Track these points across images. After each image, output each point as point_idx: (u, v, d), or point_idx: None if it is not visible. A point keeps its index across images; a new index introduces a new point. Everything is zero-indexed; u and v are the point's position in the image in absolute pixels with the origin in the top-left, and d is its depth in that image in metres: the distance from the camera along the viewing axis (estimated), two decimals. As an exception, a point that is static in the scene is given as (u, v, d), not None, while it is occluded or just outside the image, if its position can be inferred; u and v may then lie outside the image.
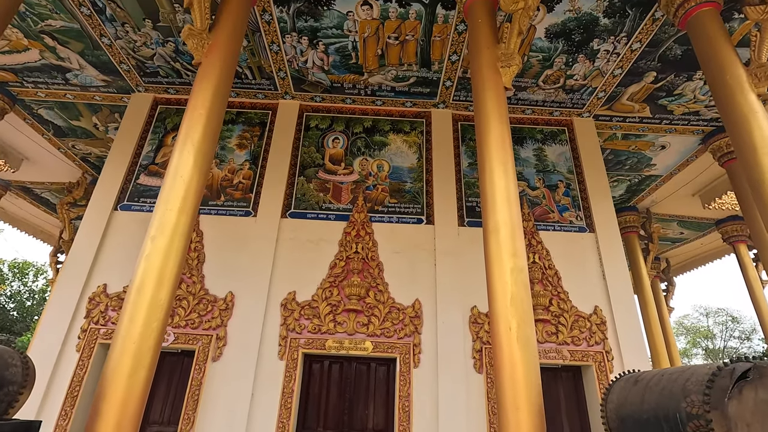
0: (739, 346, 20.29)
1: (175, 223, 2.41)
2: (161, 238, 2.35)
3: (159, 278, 2.28)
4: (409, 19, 4.17)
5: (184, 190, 2.50)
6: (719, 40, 3.17)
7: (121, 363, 2.09)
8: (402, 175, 4.98)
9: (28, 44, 4.61)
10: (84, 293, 4.23)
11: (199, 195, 2.64)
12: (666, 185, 6.93)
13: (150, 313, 2.20)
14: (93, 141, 6.33)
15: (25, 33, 4.46)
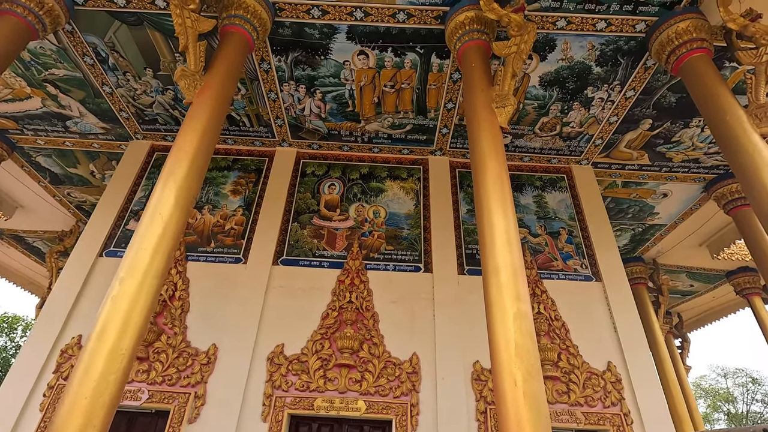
0: (763, 411, 18.97)
1: (148, 264, 2.23)
2: (130, 280, 2.15)
3: (124, 324, 2.06)
4: (405, 68, 4.25)
5: (161, 229, 2.35)
6: (715, 82, 3.16)
7: (68, 423, 1.82)
8: (399, 222, 4.84)
9: (31, 92, 4.69)
10: (56, 345, 3.94)
11: (178, 235, 2.48)
12: (671, 235, 6.76)
13: (109, 364, 1.96)
14: (89, 188, 6.29)
15: (28, 82, 4.55)
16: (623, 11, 3.61)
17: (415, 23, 3.79)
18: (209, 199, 4.92)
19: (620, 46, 3.90)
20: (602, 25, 3.72)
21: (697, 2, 3.52)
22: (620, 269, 4.57)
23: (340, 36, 3.94)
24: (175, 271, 4.31)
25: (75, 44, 4.11)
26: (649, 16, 3.63)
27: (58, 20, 3.64)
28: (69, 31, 3.99)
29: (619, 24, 3.71)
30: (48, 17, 3.53)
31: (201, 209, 4.83)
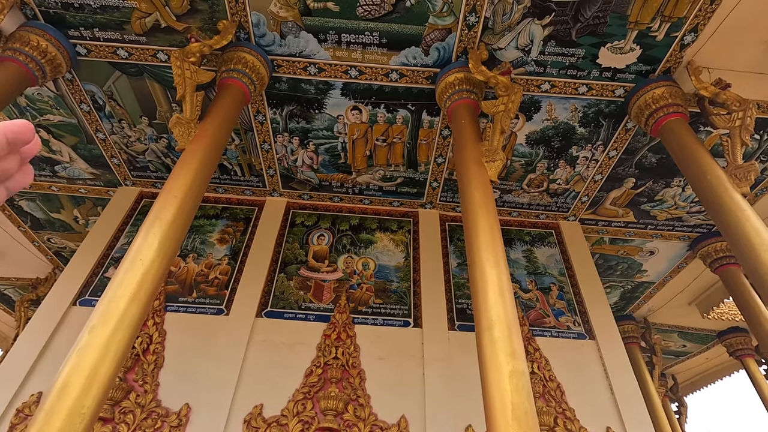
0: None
1: (123, 313, 2.09)
2: (101, 329, 2.01)
3: (88, 380, 1.88)
4: (396, 124, 4.38)
5: (141, 275, 2.24)
6: (693, 144, 3.30)
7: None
8: (388, 274, 4.75)
9: (23, 137, 4.67)
10: (13, 404, 3.60)
11: (158, 283, 2.36)
12: (660, 293, 6.74)
13: (67, 426, 1.76)
14: (70, 234, 6.12)
15: (21, 126, 4.55)
16: (603, 77, 3.84)
17: (406, 82, 3.96)
18: (195, 247, 4.80)
19: (601, 108, 4.11)
20: (584, 89, 3.93)
21: (670, 71, 3.77)
22: (613, 327, 4.48)
23: (335, 92, 4.09)
24: (152, 322, 4.09)
25: (73, 92, 4.18)
26: (626, 82, 3.86)
27: (59, 69, 3.72)
28: (69, 79, 4.07)
29: (600, 89, 3.93)
30: (49, 65, 3.62)
31: (185, 257, 4.70)
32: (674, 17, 3.38)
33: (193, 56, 3.23)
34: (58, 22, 3.60)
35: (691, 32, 3.47)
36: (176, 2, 3.45)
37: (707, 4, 3.30)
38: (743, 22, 3.37)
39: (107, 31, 3.66)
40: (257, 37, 3.66)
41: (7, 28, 3.50)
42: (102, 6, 3.49)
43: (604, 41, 3.57)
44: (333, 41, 3.66)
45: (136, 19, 3.56)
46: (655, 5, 3.32)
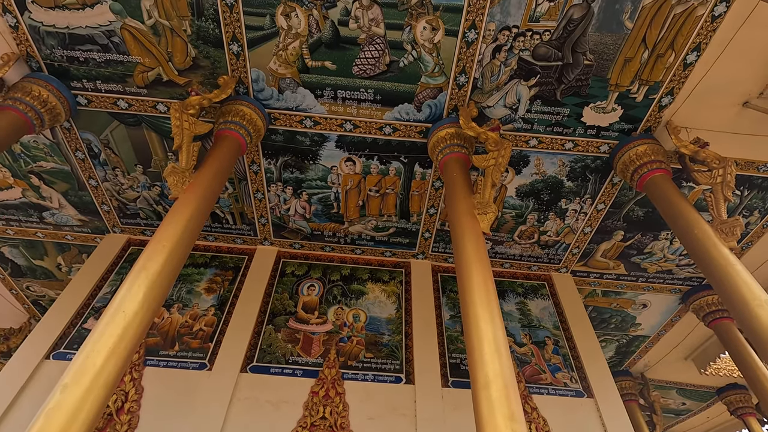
0: None
1: (99, 370, 1.97)
2: (75, 388, 1.88)
3: (55, 445, 1.73)
4: (389, 175, 4.46)
5: (122, 329, 2.14)
6: (679, 199, 3.39)
7: None
8: (380, 327, 4.62)
9: (14, 183, 4.65)
10: (-33, 470, 3.29)
11: (139, 338, 2.25)
12: (656, 347, 6.63)
13: (25, 500, 1.60)
14: (51, 282, 5.92)
15: (13, 172, 4.54)
16: (588, 135, 4.00)
17: (399, 136, 4.08)
18: (180, 296, 4.66)
19: (588, 164, 4.24)
20: (570, 145, 4.08)
21: (651, 130, 3.95)
22: (611, 384, 4.34)
23: (329, 144, 4.19)
24: (129, 378, 3.86)
25: (69, 140, 4.22)
26: (610, 139, 4.02)
27: (58, 118, 3.78)
28: (66, 128, 4.13)
29: (585, 145, 4.08)
30: (49, 115, 3.67)
31: (170, 307, 4.54)
32: (651, 81, 3.60)
33: (192, 108, 3.32)
34: (62, 74, 3.70)
35: (667, 95, 3.68)
36: (179, 58, 3.59)
37: (680, 70, 3.53)
38: (716, 87, 3.60)
39: (110, 83, 3.77)
40: (256, 91, 3.79)
41: (12, 78, 3.58)
42: (107, 60, 3.61)
43: (587, 101, 3.76)
44: (329, 96, 3.81)
45: (139, 72, 3.68)
46: (633, 70, 3.54)
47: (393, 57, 3.56)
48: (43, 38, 3.49)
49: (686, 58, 3.45)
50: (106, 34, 3.46)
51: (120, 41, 3.49)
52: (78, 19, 3.37)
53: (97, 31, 3.44)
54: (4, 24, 3.41)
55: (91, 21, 3.38)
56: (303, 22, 3.38)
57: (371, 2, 3.27)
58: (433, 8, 3.27)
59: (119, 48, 3.53)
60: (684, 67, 3.51)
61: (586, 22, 3.31)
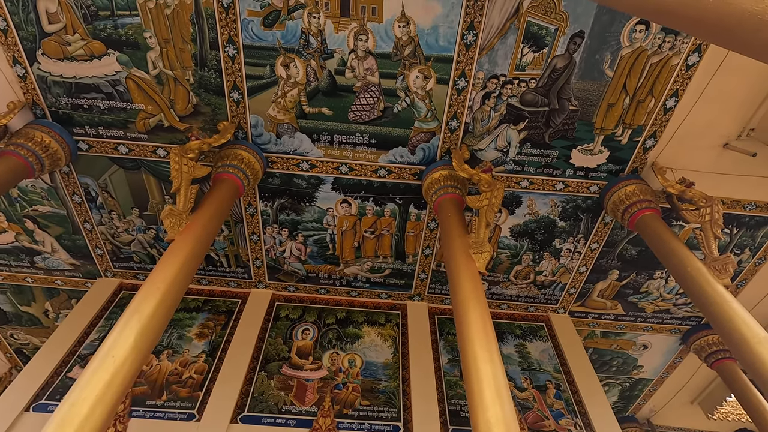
0: None
1: (84, 419, 1.88)
2: (57, 440, 1.79)
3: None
4: (385, 216, 4.50)
5: (110, 375, 2.06)
6: (670, 237, 3.44)
7: None
8: (376, 372, 4.48)
9: (8, 227, 4.63)
10: None
11: (128, 384, 2.18)
12: (660, 390, 6.44)
13: None
14: (37, 329, 5.74)
15: (8, 216, 4.54)
16: (577, 176, 4.11)
17: (394, 178, 4.17)
18: (171, 342, 4.52)
19: (579, 204, 4.33)
20: (560, 186, 4.18)
21: (638, 171, 4.07)
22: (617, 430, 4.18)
23: (325, 186, 4.26)
24: (113, 431, 3.66)
25: (68, 184, 4.26)
26: (599, 180, 4.13)
27: (58, 162, 3.84)
28: (65, 172, 4.18)
29: (575, 186, 4.19)
30: (49, 159, 3.73)
31: (159, 354, 4.39)
32: (634, 124, 3.77)
33: (192, 153, 3.39)
34: (65, 121, 3.80)
35: (651, 137, 3.83)
36: (181, 105, 3.72)
37: (661, 114, 3.71)
38: (696, 130, 3.76)
39: (111, 129, 3.87)
40: (254, 136, 3.91)
41: (16, 125, 3.67)
42: (110, 108, 3.73)
43: (575, 144, 3.91)
44: (326, 141, 3.92)
45: (141, 119, 3.80)
46: (616, 114, 3.71)
47: (387, 103, 3.71)
48: (49, 87, 3.62)
49: (665, 103, 3.64)
50: (111, 83, 3.60)
51: (124, 90, 3.63)
52: (85, 69, 3.52)
53: (103, 80, 3.58)
54: (12, 74, 3.54)
55: (98, 71, 3.53)
56: (301, 71, 3.55)
57: (366, 53, 3.46)
58: (425, 59, 3.46)
59: (123, 96, 3.66)
60: (664, 112, 3.69)
61: (569, 71, 3.51)
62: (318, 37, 3.38)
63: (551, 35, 3.33)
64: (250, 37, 3.38)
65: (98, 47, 3.42)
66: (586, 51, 3.39)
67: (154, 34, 3.35)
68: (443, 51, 3.42)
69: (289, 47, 3.43)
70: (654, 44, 3.34)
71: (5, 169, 3.45)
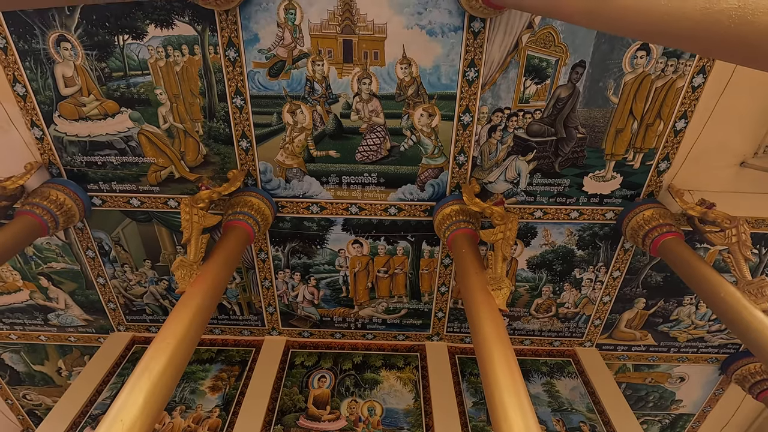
0: None
1: (90, 492, 1.77)
2: None
3: None
4: (397, 255, 4.42)
5: (118, 441, 1.96)
6: (698, 262, 3.29)
7: None
8: (398, 420, 4.24)
9: (22, 285, 4.65)
10: None
11: (138, 448, 2.06)
12: (704, 426, 5.98)
13: None
14: (49, 389, 5.63)
15: (23, 275, 4.57)
16: (591, 203, 4.03)
17: (405, 216, 4.13)
18: (183, 398, 4.37)
19: (596, 231, 4.21)
20: (575, 214, 4.09)
21: (653, 195, 3.97)
22: (663, 476, 3.84)
23: (336, 228, 4.23)
24: (123, 498, 3.46)
25: (82, 239, 4.30)
26: (614, 206, 4.04)
27: (72, 219, 3.88)
28: (79, 228, 4.22)
29: (590, 213, 4.09)
30: (63, 217, 3.78)
31: (171, 411, 4.24)
32: (645, 148, 3.71)
33: (202, 203, 3.41)
34: (80, 178, 3.89)
35: (664, 160, 3.76)
36: (191, 156, 3.78)
37: (672, 137, 3.65)
38: (710, 150, 3.69)
39: (124, 183, 3.93)
40: (264, 182, 3.93)
41: (32, 185, 3.75)
42: (123, 163, 3.81)
43: (586, 171, 3.85)
44: (334, 182, 3.93)
45: (153, 172, 3.86)
46: (626, 139, 3.67)
47: (393, 142, 3.73)
48: (65, 147, 3.72)
49: (675, 125, 3.59)
50: (123, 139, 3.69)
51: (136, 144, 3.71)
52: (99, 128, 3.63)
53: (116, 137, 3.68)
54: (30, 137, 3.67)
55: (112, 129, 3.63)
56: (308, 117, 3.61)
57: (370, 96, 3.51)
58: (429, 97, 3.50)
59: (135, 151, 3.75)
60: (675, 134, 3.63)
61: (573, 100, 3.51)
62: (322, 83, 3.46)
63: (552, 67, 3.36)
64: (257, 87, 3.47)
65: (112, 106, 3.54)
66: (588, 79, 3.40)
67: (164, 90, 3.47)
68: (446, 89, 3.46)
69: (294, 95, 3.51)
70: (657, 68, 3.34)
71: (21, 228, 3.49)
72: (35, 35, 3.23)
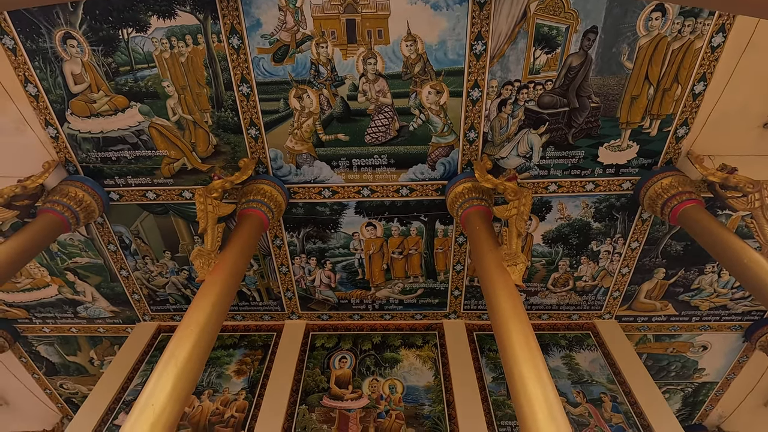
0: None
1: (129, 472, 1.86)
2: (102, 496, 1.76)
3: None
4: (411, 236, 4.43)
5: (150, 425, 2.04)
6: (719, 229, 3.21)
7: None
8: (418, 397, 4.32)
9: (50, 281, 4.82)
10: None
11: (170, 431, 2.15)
12: (727, 394, 5.94)
13: None
14: (84, 378, 5.89)
15: (50, 271, 4.73)
16: (607, 174, 3.94)
17: (417, 196, 4.11)
18: (210, 382, 4.53)
19: (612, 202, 4.13)
20: (591, 186, 4.01)
21: (672, 162, 3.86)
22: (686, 443, 3.85)
23: (348, 211, 4.24)
24: (160, 477, 3.64)
25: (103, 234, 4.41)
26: (631, 176, 3.94)
27: (92, 215, 3.98)
28: (99, 223, 4.33)
29: (606, 184, 4.01)
30: (84, 213, 3.87)
31: (200, 395, 4.40)
32: (662, 114, 3.59)
33: (215, 192, 3.45)
34: (96, 174, 3.96)
35: (682, 126, 3.64)
36: (202, 147, 3.81)
37: (690, 101, 3.52)
38: (731, 112, 3.55)
39: (139, 177, 4.00)
40: (275, 169, 3.95)
41: (51, 183, 3.84)
42: (136, 157, 3.87)
43: (601, 141, 3.75)
44: (345, 166, 3.92)
45: (166, 164, 3.91)
46: (642, 106, 3.56)
47: (402, 122, 3.69)
48: (79, 144, 3.79)
49: (693, 89, 3.46)
50: (135, 133, 3.74)
51: (148, 138, 3.76)
52: (111, 123, 3.67)
53: (128, 131, 3.73)
54: (46, 136, 3.74)
55: (123, 123, 3.67)
56: (314, 101, 3.59)
57: (376, 76, 3.46)
58: (436, 74, 3.43)
59: (147, 144, 3.79)
60: (693, 98, 3.50)
61: (586, 68, 3.40)
62: (327, 66, 3.42)
63: (563, 34, 3.25)
64: (262, 73, 3.45)
65: (121, 101, 3.57)
66: (601, 46, 3.28)
67: (171, 82, 3.47)
68: (453, 64, 3.38)
69: (300, 79, 3.48)
70: (673, 30, 3.20)
71: (44, 225, 3.59)
72: (42, 34, 3.26)
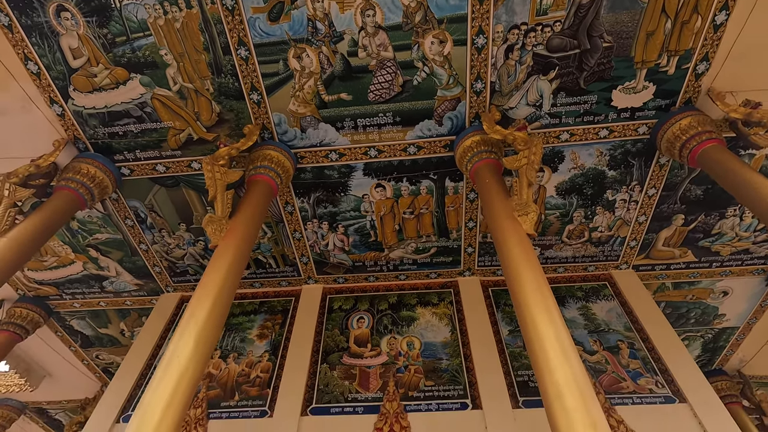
0: None
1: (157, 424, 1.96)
2: (136, 444, 1.88)
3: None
4: (421, 195, 4.40)
5: (176, 380, 2.14)
6: (742, 168, 3.09)
7: None
8: (436, 352, 4.42)
9: (75, 258, 4.99)
10: None
11: (194, 387, 2.25)
12: (749, 338, 5.91)
13: None
14: (117, 349, 6.19)
15: (73, 248, 4.88)
16: (622, 118, 3.79)
17: (425, 154, 4.04)
18: (235, 346, 4.71)
19: (628, 149, 4.00)
20: (605, 132, 3.87)
21: (691, 101, 3.68)
22: (705, 385, 3.86)
23: (357, 173, 4.21)
24: (194, 434, 3.87)
25: (119, 209, 4.50)
26: (648, 119, 3.78)
27: (106, 191, 4.05)
28: (114, 199, 4.41)
29: (621, 130, 3.86)
30: (98, 189, 3.94)
31: (226, 358, 4.59)
32: (681, 50, 3.39)
33: (222, 160, 3.45)
34: (105, 150, 4.00)
35: (702, 61, 3.44)
36: (205, 116, 3.79)
37: (711, 33, 3.31)
38: (755, 44, 3.32)
39: (147, 150, 4.02)
40: (280, 134, 3.92)
41: (63, 161, 3.90)
42: (142, 130, 3.88)
43: (615, 84, 3.59)
44: (350, 127, 3.86)
45: (172, 136, 3.91)
46: (658, 43, 3.36)
47: (406, 77, 3.58)
48: (86, 120, 3.81)
49: (715, 19, 3.24)
50: (139, 106, 3.73)
51: (152, 110, 3.75)
52: (114, 97, 3.67)
53: (131, 104, 3.72)
54: (52, 114, 3.76)
55: (125, 96, 3.66)
56: (314, 60, 3.49)
57: (376, 29, 3.34)
58: (437, 22, 3.29)
59: (152, 117, 3.79)
60: (714, 30, 3.29)
61: (596, 5, 3.21)
62: (325, 21, 3.31)
63: (571, -32, 3.05)
64: (259, 34, 3.36)
65: (121, 73, 3.55)
66: (613, -22, 3.08)
67: (168, 50, 3.42)
68: (456, 10, 3.23)
69: (298, 38, 3.39)
70: (692, -46, 2.97)
71: (60, 204, 3.68)
72: (35, 8, 3.21)
